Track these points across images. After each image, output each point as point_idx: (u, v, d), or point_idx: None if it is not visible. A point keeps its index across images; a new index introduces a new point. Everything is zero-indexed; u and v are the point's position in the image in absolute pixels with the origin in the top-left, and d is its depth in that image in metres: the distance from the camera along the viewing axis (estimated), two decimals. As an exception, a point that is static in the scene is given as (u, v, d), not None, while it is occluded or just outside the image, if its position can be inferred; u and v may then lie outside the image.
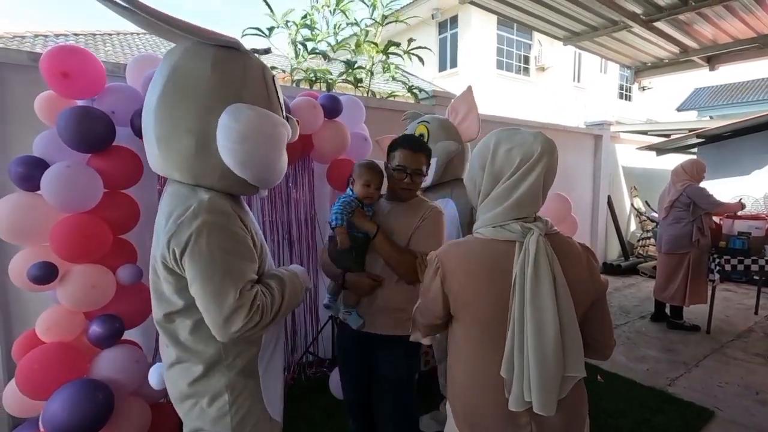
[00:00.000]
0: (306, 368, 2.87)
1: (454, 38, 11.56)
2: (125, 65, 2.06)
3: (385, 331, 1.53)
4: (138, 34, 9.09)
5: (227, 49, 1.10)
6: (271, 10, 3.78)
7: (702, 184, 3.74)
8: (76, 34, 7.99)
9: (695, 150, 6.39)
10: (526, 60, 12.50)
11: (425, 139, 2.00)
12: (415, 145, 1.53)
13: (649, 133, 7.67)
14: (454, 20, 11.50)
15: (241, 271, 1.04)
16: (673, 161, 5.26)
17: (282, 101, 1.22)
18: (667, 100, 16.53)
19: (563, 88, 13.08)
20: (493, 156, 0.97)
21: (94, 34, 8.33)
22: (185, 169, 1.08)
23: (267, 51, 1.27)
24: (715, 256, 3.72)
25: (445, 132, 2.06)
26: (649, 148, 6.39)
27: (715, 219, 4.01)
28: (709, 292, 3.77)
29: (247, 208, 1.28)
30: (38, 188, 1.63)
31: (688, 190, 3.64)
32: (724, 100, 15.83)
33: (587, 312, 0.99)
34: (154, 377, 1.36)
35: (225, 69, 1.07)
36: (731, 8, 3.47)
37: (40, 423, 1.56)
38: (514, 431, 0.94)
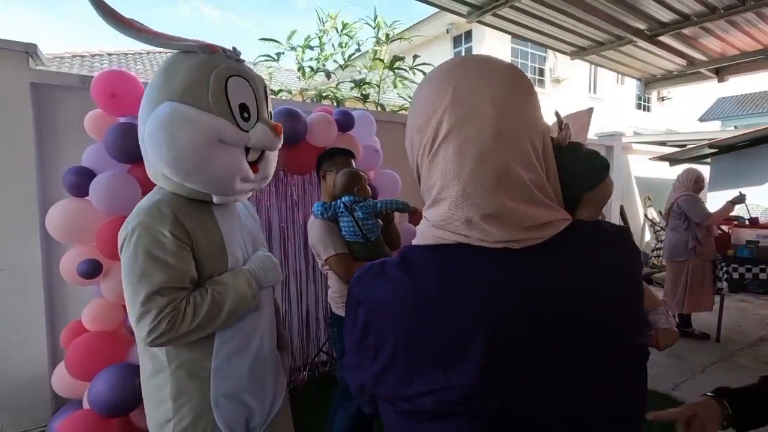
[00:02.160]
0: (319, 367, 3.04)
1: (469, 52, 11.78)
2: (161, 86, 2.30)
3: None
4: (167, 53, 9.60)
5: (186, 53, 1.10)
6: (277, 42, 4.12)
7: (714, 194, 3.78)
8: (109, 54, 8.52)
9: (709, 160, 6.38)
10: (541, 72, 12.62)
11: None
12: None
13: (668, 143, 7.66)
14: (468, 35, 11.76)
15: (155, 275, 1.00)
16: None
17: (239, 105, 1.10)
18: (690, 110, 16.30)
19: (579, 99, 13.10)
20: None
21: (126, 54, 8.86)
22: (149, 171, 1.16)
23: (227, 50, 1.15)
24: (723, 264, 3.75)
25: None
26: (662, 158, 6.41)
27: (724, 227, 4.03)
28: (718, 301, 3.77)
29: (226, 215, 1.19)
30: (87, 194, 1.86)
31: (680, 200, 3.67)
32: (750, 109, 15.50)
33: None
34: None
35: (171, 70, 1.07)
36: (734, 22, 3.56)
37: (84, 400, 1.77)
38: None
